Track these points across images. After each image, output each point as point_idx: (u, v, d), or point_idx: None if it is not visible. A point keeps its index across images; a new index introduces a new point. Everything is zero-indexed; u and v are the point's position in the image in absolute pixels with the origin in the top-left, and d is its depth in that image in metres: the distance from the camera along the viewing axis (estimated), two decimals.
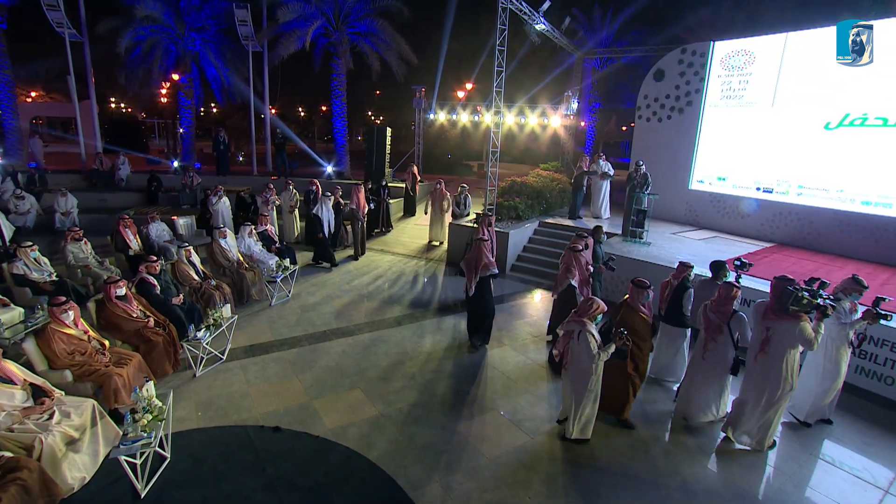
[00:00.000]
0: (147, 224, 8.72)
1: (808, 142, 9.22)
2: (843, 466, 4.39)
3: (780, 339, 4.12)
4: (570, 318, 4.36)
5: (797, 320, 4.02)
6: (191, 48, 15.26)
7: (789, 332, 4.06)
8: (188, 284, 6.54)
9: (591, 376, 4.25)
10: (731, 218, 10.52)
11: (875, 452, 4.59)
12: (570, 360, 4.36)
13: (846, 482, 4.18)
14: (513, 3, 9.87)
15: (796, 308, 4.00)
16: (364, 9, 14.91)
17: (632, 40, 19.25)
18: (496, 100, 10.20)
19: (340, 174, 16.05)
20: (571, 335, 4.27)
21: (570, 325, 4.29)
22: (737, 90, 10.21)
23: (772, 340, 4.16)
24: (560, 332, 4.46)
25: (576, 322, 4.26)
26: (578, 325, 4.22)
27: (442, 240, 11.90)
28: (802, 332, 3.99)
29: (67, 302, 4.56)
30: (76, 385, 4.42)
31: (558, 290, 6.06)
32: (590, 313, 4.24)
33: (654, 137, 11.74)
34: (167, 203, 12.89)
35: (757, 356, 4.29)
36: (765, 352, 4.21)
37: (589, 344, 4.13)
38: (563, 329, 4.41)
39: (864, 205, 8.69)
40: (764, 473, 4.29)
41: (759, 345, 4.25)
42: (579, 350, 4.21)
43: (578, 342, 4.18)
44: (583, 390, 4.29)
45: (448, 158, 26.57)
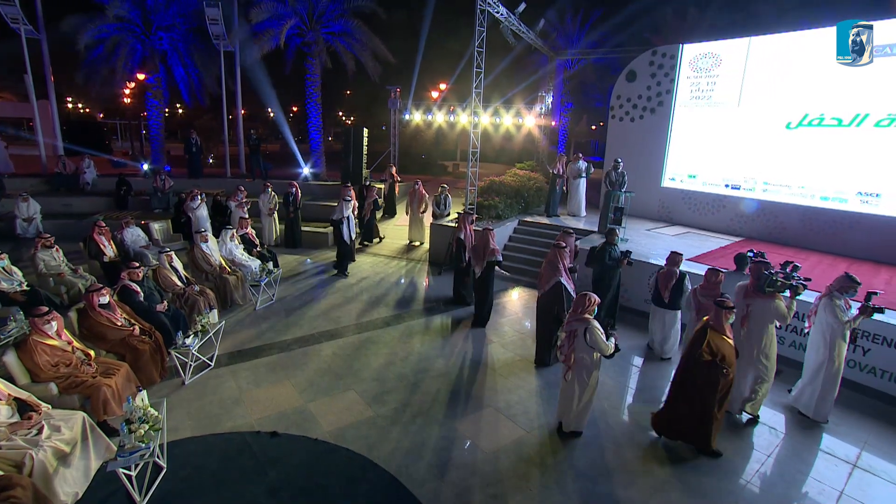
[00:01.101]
0: (121, 229, 8.45)
1: (772, 140, 9.72)
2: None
3: (758, 316, 4.75)
4: (570, 318, 4.45)
5: (773, 298, 4.68)
6: (158, 47, 14.77)
7: (766, 308, 4.70)
8: (171, 290, 6.39)
9: (592, 371, 4.39)
10: (702, 214, 10.96)
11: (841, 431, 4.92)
12: (574, 360, 4.41)
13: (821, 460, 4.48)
14: (490, 6, 10.00)
15: (771, 289, 4.66)
16: (338, 9, 14.78)
17: (601, 41, 19.75)
18: (475, 101, 10.32)
19: (317, 176, 15.86)
20: (576, 334, 4.35)
21: (573, 324, 4.38)
22: (705, 91, 10.65)
23: (751, 316, 4.78)
24: (562, 334, 4.54)
25: (577, 321, 4.35)
26: (582, 324, 4.32)
27: (422, 240, 11.95)
28: (777, 309, 4.67)
29: (50, 312, 4.40)
30: (62, 398, 4.28)
31: (545, 287, 5.98)
32: (588, 308, 4.36)
33: (627, 137, 12.10)
34: (138, 208, 12.46)
35: (741, 332, 4.82)
36: (746, 327, 4.81)
37: (597, 339, 4.24)
38: (565, 331, 4.49)
39: (822, 200, 9.22)
40: (757, 460, 4.55)
41: (741, 320, 4.82)
42: (583, 348, 4.32)
43: (586, 340, 4.28)
44: (584, 385, 4.43)
45: (423, 158, 26.58)
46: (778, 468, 4.38)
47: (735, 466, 4.36)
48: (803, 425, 5.03)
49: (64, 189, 13.12)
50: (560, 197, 11.76)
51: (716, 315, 4.24)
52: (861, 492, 4.07)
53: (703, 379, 4.15)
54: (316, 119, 16.18)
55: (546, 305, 5.92)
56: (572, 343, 4.40)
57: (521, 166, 16.16)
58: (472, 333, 7.03)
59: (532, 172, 14.75)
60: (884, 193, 8.56)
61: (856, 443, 4.74)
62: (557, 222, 11.03)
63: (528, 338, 6.90)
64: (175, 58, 15.26)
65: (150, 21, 14.39)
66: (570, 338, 4.42)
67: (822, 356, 4.86)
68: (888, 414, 5.24)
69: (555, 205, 11.59)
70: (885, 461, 4.49)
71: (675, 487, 4.07)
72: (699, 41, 10.87)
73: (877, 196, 8.64)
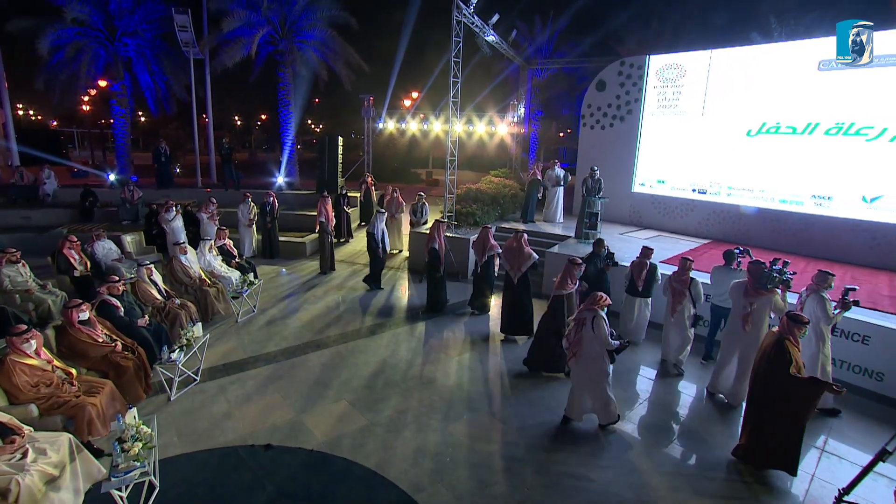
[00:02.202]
0: (91, 242, 8.16)
1: (734, 147, 10.27)
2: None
3: (759, 312, 5.16)
4: (582, 307, 4.68)
5: (771, 295, 5.09)
6: (123, 53, 14.31)
7: (766, 304, 5.12)
8: (151, 304, 6.21)
9: (603, 360, 4.59)
10: (671, 218, 11.44)
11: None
12: (580, 350, 4.62)
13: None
14: (466, 17, 10.20)
15: (772, 286, 5.08)
16: (311, 18, 14.71)
17: (569, 51, 20.38)
18: (452, 110, 10.48)
19: (291, 185, 15.67)
20: (584, 322, 4.55)
21: (583, 312, 4.61)
22: (671, 100, 11.16)
23: (754, 313, 5.14)
24: (570, 322, 4.74)
25: (588, 310, 4.58)
26: (591, 312, 4.55)
27: (400, 248, 12.00)
28: (776, 304, 5.09)
29: (29, 330, 4.24)
30: (44, 420, 4.12)
31: (560, 292, 5.82)
32: (599, 304, 4.59)
33: (598, 144, 12.51)
34: (104, 220, 12.01)
35: (744, 327, 5.18)
36: (751, 323, 5.15)
37: (602, 330, 4.46)
38: (574, 319, 4.70)
39: (781, 203, 9.79)
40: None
41: (744, 318, 5.17)
42: (591, 338, 4.52)
43: (593, 329, 4.49)
44: (598, 377, 4.62)
45: (394, 166, 26.60)
46: None
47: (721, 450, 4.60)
48: None
49: (22, 201, 12.53)
50: (537, 203, 12.03)
51: (788, 328, 4.11)
52: (830, 474, 4.36)
53: (796, 396, 3.96)
54: (288, 128, 15.99)
55: (554, 312, 5.83)
56: (580, 332, 4.60)
57: (496, 173, 16.41)
58: (459, 339, 7.12)
59: (507, 180, 15.03)
60: (835, 196, 9.17)
61: (822, 429, 5.08)
62: (534, 228, 11.27)
63: (514, 342, 7.05)
64: (141, 64, 14.81)
65: (114, 27, 13.94)
66: (578, 326, 4.63)
67: (813, 349, 5.16)
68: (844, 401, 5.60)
69: (532, 211, 11.85)
70: (848, 446, 4.83)
71: (665, 480, 4.27)
72: (664, 52, 11.40)
73: (829, 199, 9.25)
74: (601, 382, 4.69)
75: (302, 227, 12.42)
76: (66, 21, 13.01)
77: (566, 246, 9.62)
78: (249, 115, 39.22)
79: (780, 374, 4.01)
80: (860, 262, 8.68)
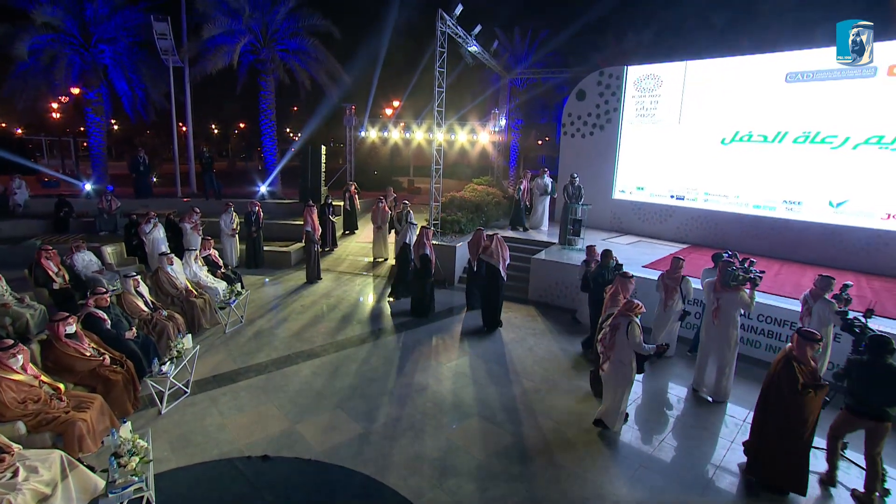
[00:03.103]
0: (70, 254, 7.94)
1: (710, 154, 10.67)
2: None
3: (726, 306, 5.50)
4: (617, 313, 4.83)
5: (737, 291, 5.41)
6: (99, 60, 14.00)
7: (732, 299, 5.46)
8: (137, 317, 6.09)
9: (629, 368, 4.73)
10: (651, 223, 11.77)
11: None
12: (613, 354, 4.77)
13: None
14: (450, 28, 10.38)
15: (735, 283, 5.42)
16: (293, 26, 14.69)
17: (548, 62, 20.82)
18: (437, 119, 10.61)
19: (273, 194, 15.52)
20: (619, 328, 4.71)
21: (618, 318, 4.76)
22: (649, 109, 11.52)
23: (721, 307, 5.53)
24: (606, 327, 4.90)
25: (624, 316, 4.72)
26: (626, 319, 4.68)
27: (386, 256, 12.00)
28: (742, 299, 5.40)
29: (16, 345, 4.12)
30: (32, 437, 4.01)
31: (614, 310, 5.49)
32: (635, 311, 4.72)
33: (579, 152, 12.81)
34: (81, 230, 11.68)
35: (714, 321, 5.56)
36: (717, 317, 5.54)
37: (636, 335, 4.61)
38: (608, 325, 4.86)
39: (755, 208, 10.20)
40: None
41: (713, 312, 5.55)
42: (624, 343, 4.67)
43: (627, 335, 4.63)
44: (624, 382, 4.77)
45: (375, 174, 26.59)
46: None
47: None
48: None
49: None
50: (525, 211, 12.21)
51: (800, 346, 4.01)
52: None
53: (798, 415, 3.95)
54: (270, 137, 15.87)
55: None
56: (614, 336, 4.76)
57: (479, 181, 16.60)
58: (449, 346, 7.17)
59: (489, 187, 15.22)
60: (804, 201, 9.61)
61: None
62: (521, 235, 11.44)
63: (502, 347, 7.15)
64: (118, 72, 14.50)
65: (89, 33, 13.64)
66: (612, 331, 4.78)
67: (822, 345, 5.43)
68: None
69: (523, 218, 12.04)
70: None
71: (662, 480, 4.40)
72: (642, 63, 11.79)
73: (799, 203, 9.69)
74: (622, 387, 4.82)
75: (286, 237, 12.31)
76: (39, 27, 12.68)
77: (551, 252, 9.80)
78: (227, 124, 38.67)
79: (788, 396, 3.94)
80: (827, 263, 9.09)
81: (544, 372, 6.40)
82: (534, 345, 7.27)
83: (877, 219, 8.88)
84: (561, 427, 5.13)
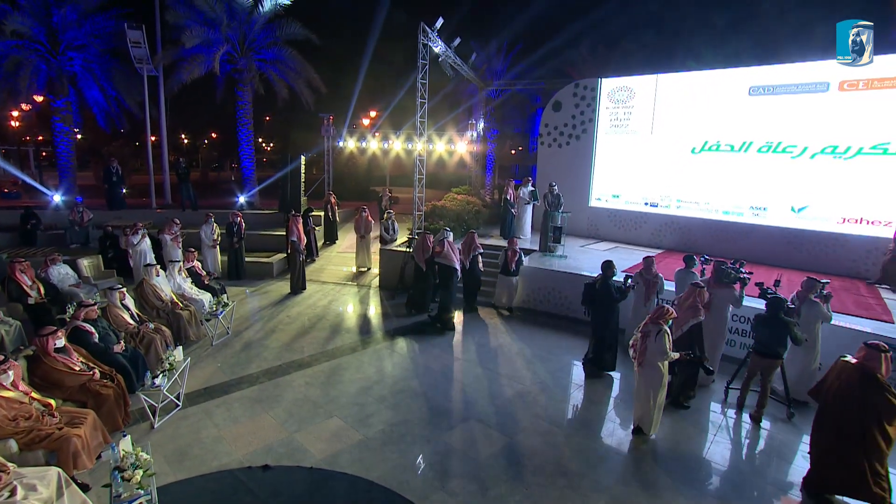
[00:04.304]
0: (45, 267, 7.68)
1: (681, 163, 11.19)
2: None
3: (718, 301, 6.09)
4: (648, 320, 5.01)
5: (728, 288, 6.06)
6: (68, 68, 13.60)
7: (723, 295, 6.08)
8: (123, 330, 5.96)
9: (661, 373, 4.91)
10: (626, 230, 12.20)
11: None
12: (644, 359, 4.94)
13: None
14: (431, 41, 10.59)
15: (727, 280, 6.09)
16: (271, 36, 14.65)
17: (522, 73, 21.36)
18: (420, 129, 10.78)
19: (252, 204, 15.32)
20: (649, 335, 4.88)
21: (649, 327, 4.94)
22: (622, 120, 12.00)
23: (713, 302, 6.06)
24: (638, 333, 5.06)
25: (654, 324, 4.91)
26: (657, 327, 4.86)
27: (370, 265, 12.02)
28: (732, 294, 6.04)
29: (6, 361, 4.01)
30: (24, 455, 3.88)
31: (697, 320, 5.58)
32: (665, 318, 4.91)
33: (556, 161, 13.19)
34: (49, 243, 11.25)
35: (706, 312, 5.87)
36: (709, 310, 5.97)
37: (664, 344, 4.79)
38: (640, 331, 5.03)
39: (724, 214, 10.74)
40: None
41: (706, 305, 5.87)
42: (654, 348, 4.84)
43: (656, 342, 4.82)
44: (657, 387, 4.92)
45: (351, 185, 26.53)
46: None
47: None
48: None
49: None
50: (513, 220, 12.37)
51: (869, 356, 3.93)
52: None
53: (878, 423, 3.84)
54: (248, 147, 15.69)
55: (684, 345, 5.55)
56: (645, 344, 4.93)
57: (458, 191, 16.81)
58: (440, 353, 7.27)
59: (469, 196, 15.44)
60: (769, 207, 10.19)
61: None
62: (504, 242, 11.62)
63: (491, 352, 7.30)
64: (89, 80, 14.11)
65: (58, 40, 13.25)
66: (644, 338, 4.95)
67: (808, 346, 5.70)
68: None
69: (510, 228, 12.17)
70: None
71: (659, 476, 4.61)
72: (615, 76, 12.29)
73: (764, 209, 10.26)
74: (654, 392, 4.95)
75: (267, 248, 12.19)
76: (3, 33, 12.24)
77: (533, 259, 10.05)
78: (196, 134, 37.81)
79: (872, 409, 3.83)
80: (790, 265, 9.64)
81: (533, 375, 6.57)
82: (523, 349, 7.45)
83: (833, 223, 9.50)
84: (554, 427, 5.30)
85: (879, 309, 7.20)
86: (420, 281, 8.93)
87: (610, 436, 5.20)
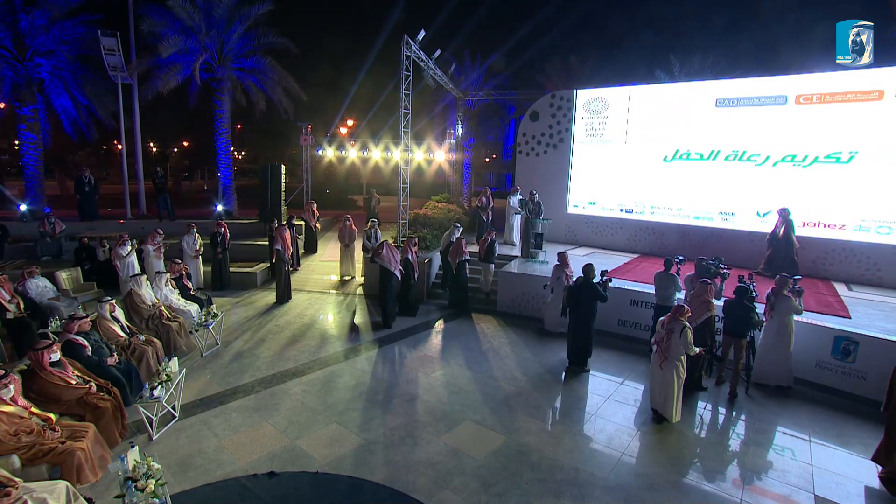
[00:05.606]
0: (22, 280, 7.47)
1: (654, 171, 11.73)
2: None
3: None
4: (670, 318, 5.44)
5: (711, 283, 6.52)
6: (35, 75, 13.19)
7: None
8: (114, 342, 5.88)
9: (681, 366, 5.37)
10: (603, 235, 12.66)
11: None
12: (669, 354, 5.37)
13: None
14: (413, 52, 10.83)
15: (707, 275, 6.78)
16: (249, 45, 14.59)
17: (498, 84, 21.86)
18: (404, 139, 10.97)
19: (230, 214, 15.13)
20: (673, 332, 5.33)
21: (672, 324, 5.37)
22: (598, 129, 12.50)
23: (695, 296, 6.44)
24: (662, 330, 5.49)
25: (677, 321, 5.35)
26: (680, 325, 5.34)
27: (354, 274, 12.06)
28: (714, 287, 6.49)
29: (7, 375, 3.96)
30: (27, 470, 3.84)
31: (707, 315, 6.26)
32: (685, 315, 5.38)
33: (533, 170, 13.58)
34: (18, 256, 10.86)
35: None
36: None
37: (687, 339, 5.24)
38: (664, 328, 5.46)
39: (695, 219, 11.31)
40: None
41: (690, 298, 6.54)
42: (678, 344, 5.29)
43: (680, 337, 5.27)
44: (680, 378, 5.39)
45: (327, 193, 26.44)
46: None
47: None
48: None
49: None
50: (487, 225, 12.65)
51: None
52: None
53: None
54: (226, 156, 15.51)
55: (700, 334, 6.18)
56: (669, 339, 5.37)
57: (438, 199, 17.04)
58: (430, 357, 7.42)
59: (449, 204, 15.70)
60: (737, 212, 10.80)
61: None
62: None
63: (481, 356, 7.50)
64: (58, 87, 13.70)
65: (24, 46, 12.84)
66: (668, 334, 5.39)
67: (783, 334, 6.25)
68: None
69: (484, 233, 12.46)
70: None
71: (658, 470, 4.87)
72: (590, 87, 12.79)
73: (732, 214, 10.87)
74: (679, 383, 5.42)
75: (249, 257, 12.07)
76: None
77: (515, 265, 10.33)
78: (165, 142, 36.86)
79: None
80: (757, 266, 10.22)
81: (523, 376, 6.80)
82: (510, 352, 7.68)
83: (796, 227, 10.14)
84: (547, 424, 5.53)
85: (838, 305, 7.77)
86: (455, 282, 9.56)
87: (601, 434, 5.46)
